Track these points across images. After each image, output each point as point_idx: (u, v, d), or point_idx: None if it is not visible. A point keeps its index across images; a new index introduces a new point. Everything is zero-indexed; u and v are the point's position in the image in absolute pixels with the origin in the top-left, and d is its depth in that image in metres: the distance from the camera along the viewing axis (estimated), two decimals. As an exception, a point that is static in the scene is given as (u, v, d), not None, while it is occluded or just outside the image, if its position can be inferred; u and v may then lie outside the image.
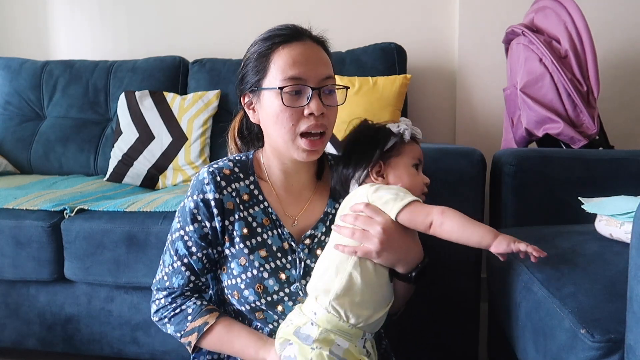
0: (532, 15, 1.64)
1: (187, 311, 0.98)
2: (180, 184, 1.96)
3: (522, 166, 1.27)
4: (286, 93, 0.90)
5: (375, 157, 0.95)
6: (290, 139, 0.91)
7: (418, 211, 0.88)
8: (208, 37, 2.37)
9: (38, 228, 1.50)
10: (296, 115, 0.90)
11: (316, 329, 0.86)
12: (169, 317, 1.00)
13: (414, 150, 0.99)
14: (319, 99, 0.90)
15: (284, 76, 0.90)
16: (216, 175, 0.96)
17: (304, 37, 0.93)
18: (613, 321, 0.71)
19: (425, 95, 2.20)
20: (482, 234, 0.85)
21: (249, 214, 0.97)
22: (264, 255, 0.96)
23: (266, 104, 0.93)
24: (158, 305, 1.02)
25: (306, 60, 0.91)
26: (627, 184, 1.20)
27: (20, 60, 2.31)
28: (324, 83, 0.92)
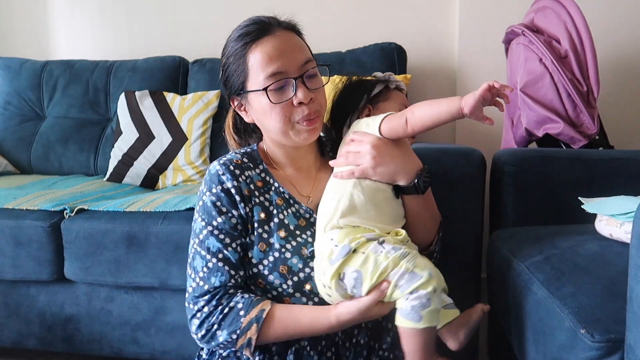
0: (532, 15, 1.64)
1: (237, 307, 0.91)
2: (180, 184, 1.96)
3: (522, 166, 1.27)
4: (271, 91, 0.91)
5: (363, 101, 1.01)
6: (289, 129, 0.94)
7: (393, 118, 0.92)
8: (208, 37, 2.37)
9: (38, 228, 1.50)
10: (287, 107, 0.92)
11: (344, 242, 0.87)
12: (217, 322, 0.91)
13: (400, 97, 1.04)
14: (303, 86, 0.92)
15: (264, 74, 0.91)
16: (229, 165, 0.97)
17: (273, 29, 0.95)
18: (613, 321, 0.71)
19: (425, 95, 2.20)
20: (449, 103, 0.87)
21: (265, 198, 0.98)
22: (283, 235, 0.95)
23: (255, 104, 0.95)
24: (201, 317, 0.93)
25: (281, 52, 0.92)
26: (627, 184, 1.20)
27: (20, 60, 2.31)
28: (305, 69, 0.93)
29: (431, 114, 0.88)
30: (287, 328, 0.91)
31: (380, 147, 0.92)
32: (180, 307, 1.51)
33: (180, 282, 1.45)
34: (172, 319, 1.51)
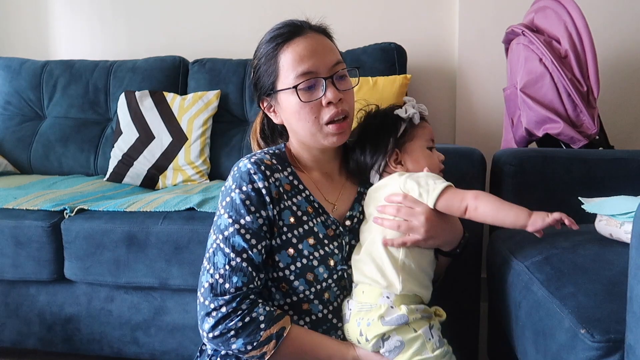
0: (532, 15, 1.64)
1: (258, 319, 0.89)
2: (180, 184, 1.96)
3: (522, 166, 1.27)
4: (301, 90, 0.92)
5: (390, 146, 0.99)
6: (317, 130, 0.94)
7: (453, 198, 0.92)
8: (208, 37, 2.37)
9: (38, 228, 1.50)
10: (316, 107, 0.93)
11: (402, 309, 0.90)
12: (236, 329, 0.88)
13: (425, 131, 1.03)
14: (333, 86, 0.93)
15: (295, 74, 0.92)
16: (260, 165, 0.95)
17: (305, 30, 0.96)
18: (613, 321, 0.71)
19: (425, 95, 2.20)
20: (516, 215, 0.88)
21: (293, 203, 0.97)
22: (312, 243, 0.95)
23: (285, 104, 0.96)
24: (217, 316, 0.89)
25: (312, 53, 0.93)
26: (627, 184, 1.20)
27: (20, 60, 2.31)
28: (335, 70, 0.94)
29: (494, 219, 0.90)
30: (304, 352, 0.92)
31: (433, 220, 0.93)
32: (180, 307, 1.51)
33: (180, 282, 1.45)
34: (172, 319, 1.51)
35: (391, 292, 0.92)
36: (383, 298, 0.92)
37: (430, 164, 1.00)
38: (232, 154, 2.03)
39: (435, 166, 1.01)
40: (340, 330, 0.98)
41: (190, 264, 1.43)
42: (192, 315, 1.50)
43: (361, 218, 1.03)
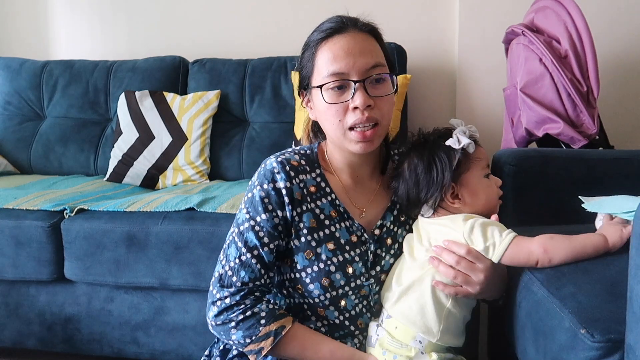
0: (532, 15, 1.64)
1: (259, 315, 0.90)
2: (180, 184, 1.96)
3: (522, 166, 1.27)
4: (328, 90, 0.89)
5: (446, 181, 0.92)
6: (341, 134, 0.91)
7: (519, 252, 0.87)
8: (208, 37, 2.37)
9: (38, 228, 1.50)
10: (342, 110, 0.89)
11: (433, 357, 0.90)
12: (237, 321, 0.89)
13: (480, 159, 0.96)
14: (364, 91, 0.88)
15: (325, 73, 0.89)
16: (285, 165, 0.94)
17: (348, 28, 0.92)
18: (613, 321, 0.71)
19: (425, 95, 2.20)
20: (595, 248, 0.85)
21: (317, 205, 0.95)
22: (331, 248, 0.94)
23: (316, 101, 0.94)
24: (221, 306, 0.90)
25: (347, 53, 0.89)
26: (627, 184, 1.20)
27: (20, 60, 2.31)
28: (369, 73, 0.89)
29: (574, 259, 0.86)
30: (304, 350, 0.91)
31: (490, 276, 0.90)
32: (180, 307, 1.51)
33: (180, 282, 1.45)
34: (172, 319, 1.51)
35: (425, 339, 0.91)
36: (415, 342, 0.91)
37: (489, 196, 0.95)
38: (232, 154, 2.03)
39: (494, 197, 0.97)
40: (357, 338, 0.97)
41: (190, 264, 1.43)
42: (192, 315, 1.50)
43: (392, 229, 0.99)
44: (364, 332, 0.98)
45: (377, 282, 0.97)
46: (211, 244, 1.41)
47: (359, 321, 0.97)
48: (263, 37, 2.31)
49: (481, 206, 0.95)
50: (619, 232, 0.84)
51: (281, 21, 2.29)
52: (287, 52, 2.14)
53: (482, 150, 0.97)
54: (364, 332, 0.98)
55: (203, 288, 1.45)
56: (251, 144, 2.03)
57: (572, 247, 0.85)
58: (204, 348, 1.48)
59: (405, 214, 1.02)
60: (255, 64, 2.12)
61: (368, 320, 0.98)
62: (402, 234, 1.00)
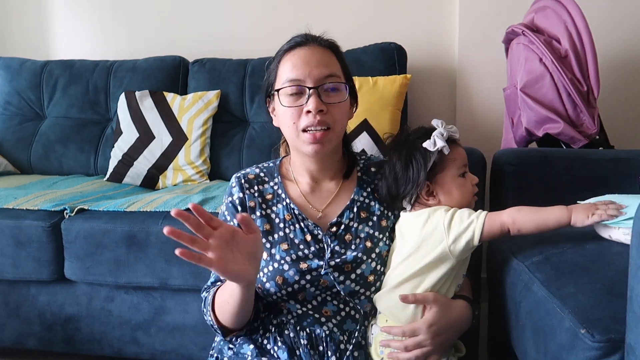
0: (532, 15, 1.64)
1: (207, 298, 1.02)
2: (180, 184, 1.96)
3: (522, 166, 1.27)
4: (284, 94, 0.99)
5: (421, 180, 0.99)
6: (296, 135, 0.99)
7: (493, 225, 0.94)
8: (208, 37, 2.37)
9: (38, 228, 1.50)
10: (296, 113, 0.98)
11: None
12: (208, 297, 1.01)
13: (456, 159, 1.01)
14: (317, 97, 0.97)
15: (284, 79, 0.99)
16: (241, 179, 1.07)
17: (309, 43, 1.01)
18: (613, 321, 0.71)
19: (425, 95, 2.20)
20: (557, 221, 0.91)
21: (272, 211, 1.05)
22: (285, 248, 1.01)
23: (276, 106, 1.03)
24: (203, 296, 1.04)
25: (305, 63, 0.98)
26: (627, 184, 1.20)
27: (20, 60, 2.31)
28: (324, 81, 0.98)
29: (537, 228, 0.93)
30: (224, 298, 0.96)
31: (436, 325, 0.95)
32: (180, 307, 1.51)
33: (181, 282, 1.45)
34: (172, 319, 1.51)
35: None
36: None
37: (462, 194, 1.01)
38: (232, 153, 2.03)
39: (468, 194, 1.02)
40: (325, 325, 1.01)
41: (190, 264, 1.41)
42: (192, 315, 1.50)
43: (351, 225, 1.04)
44: (332, 319, 1.02)
45: (341, 273, 1.00)
46: (211, 244, 1.41)
47: (324, 310, 1.01)
48: (263, 37, 2.31)
49: (454, 203, 1.00)
50: (585, 214, 0.88)
51: (281, 21, 2.29)
52: (287, 52, 2.14)
53: (459, 150, 1.03)
54: (332, 319, 1.02)
55: (203, 288, 1.45)
56: (251, 144, 2.03)
57: (537, 218, 0.92)
58: (204, 348, 1.48)
59: (388, 208, 1.08)
60: (255, 64, 2.12)
61: (335, 307, 1.02)
62: (363, 229, 1.05)
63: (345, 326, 1.02)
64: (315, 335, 1.00)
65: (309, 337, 1.00)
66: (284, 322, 1.02)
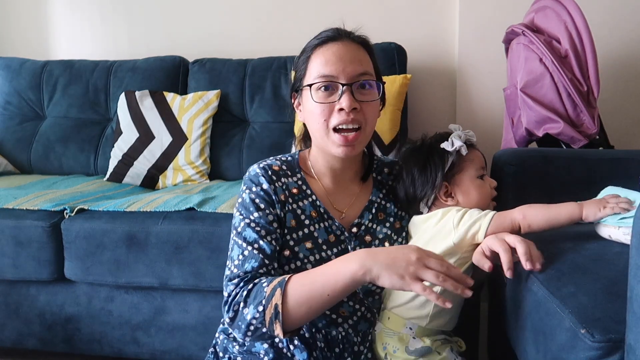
0: (532, 15, 1.64)
1: (260, 283, 0.88)
2: (180, 184, 1.96)
3: (522, 166, 1.27)
4: (317, 90, 0.95)
5: (438, 181, 0.99)
6: (325, 134, 0.96)
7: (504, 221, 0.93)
8: (208, 37, 2.37)
9: (38, 228, 1.50)
10: (328, 110, 0.95)
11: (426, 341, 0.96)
12: (243, 300, 0.88)
13: (474, 161, 1.02)
14: (350, 94, 0.94)
15: (316, 75, 0.95)
16: (267, 170, 1.00)
17: (342, 38, 0.98)
18: (613, 321, 0.71)
19: (425, 95, 2.20)
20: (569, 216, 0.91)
21: (298, 206, 1.00)
22: (309, 247, 0.98)
23: (305, 102, 1.00)
24: (229, 300, 0.90)
25: (338, 59, 0.95)
26: (627, 184, 1.20)
27: (20, 60, 2.31)
28: (358, 79, 0.95)
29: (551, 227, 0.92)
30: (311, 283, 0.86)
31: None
32: (180, 307, 1.51)
33: (180, 282, 1.45)
34: (172, 319, 1.51)
35: (415, 324, 0.96)
36: (406, 329, 0.96)
37: (481, 195, 1.01)
38: (232, 153, 2.03)
39: (487, 196, 1.02)
40: (341, 327, 1.00)
41: (190, 264, 1.43)
42: (192, 315, 1.50)
43: (370, 226, 1.04)
44: (348, 320, 1.01)
45: None
46: (211, 244, 1.41)
47: (341, 310, 1.00)
48: (263, 37, 2.31)
49: (473, 204, 1.01)
50: (597, 207, 0.88)
51: (281, 21, 2.29)
52: (287, 52, 2.15)
53: (477, 153, 1.04)
54: (348, 320, 1.01)
55: (203, 288, 1.45)
56: (251, 144, 2.03)
57: (548, 213, 0.92)
58: (204, 348, 1.48)
59: (405, 212, 1.07)
60: (255, 64, 2.12)
61: (351, 308, 1.01)
62: (381, 230, 1.05)
63: (360, 327, 1.02)
64: (332, 337, 1.00)
65: (325, 339, 0.99)
66: None
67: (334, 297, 0.85)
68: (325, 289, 0.84)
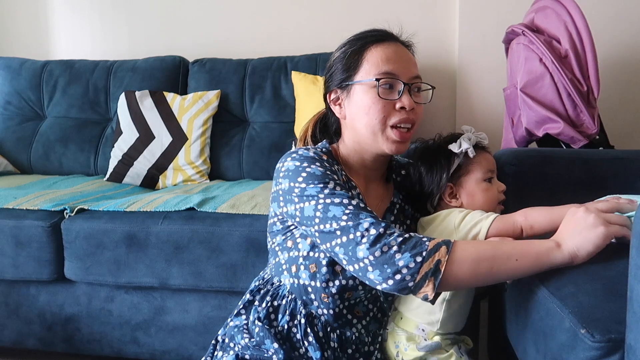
0: (532, 15, 1.64)
1: (417, 236, 0.82)
2: (180, 184, 1.96)
3: (522, 166, 1.27)
4: (381, 86, 0.95)
5: (443, 182, 1.00)
6: (380, 130, 0.96)
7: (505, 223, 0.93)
8: (208, 37, 2.37)
9: (38, 228, 1.50)
10: (388, 107, 0.95)
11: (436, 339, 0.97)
12: (397, 244, 0.79)
13: (483, 163, 1.02)
14: (409, 94, 0.96)
15: (378, 71, 0.95)
16: (321, 155, 0.96)
17: (395, 38, 1.00)
18: (613, 321, 0.71)
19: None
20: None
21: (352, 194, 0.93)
22: None
23: (357, 97, 0.97)
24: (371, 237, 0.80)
25: (399, 58, 0.97)
26: (627, 184, 1.20)
27: (20, 60, 2.31)
28: (415, 81, 0.98)
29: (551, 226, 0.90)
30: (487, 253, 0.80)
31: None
32: (180, 307, 1.51)
33: (180, 282, 1.45)
34: (172, 319, 1.51)
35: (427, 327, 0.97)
36: (419, 330, 0.97)
37: (487, 198, 1.01)
38: (232, 153, 2.03)
39: (492, 199, 1.02)
40: (355, 327, 0.99)
41: (190, 263, 1.43)
42: (193, 315, 1.50)
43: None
44: (362, 320, 1.00)
45: None
46: (211, 243, 1.41)
47: (356, 310, 0.99)
48: (263, 37, 2.31)
49: (477, 207, 1.00)
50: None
51: (281, 21, 2.29)
52: (287, 52, 2.15)
53: (486, 155, 1.04)
54: (362, 321, 1.00)
55: (203, 288, 1.45)
56: (251, 144, 2.03)
57: (551, 214, 0.91)
58: (204, 348, 1.48)
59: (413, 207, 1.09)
60: (255, 64, 2.12)
61: (365, 308, 1.00)
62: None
63: (371, 327, 1.02)
64: (345, 338, 0.99)
65: (340, 339, 0.99)
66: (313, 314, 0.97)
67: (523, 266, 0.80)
68: (513, 255, 0.79)
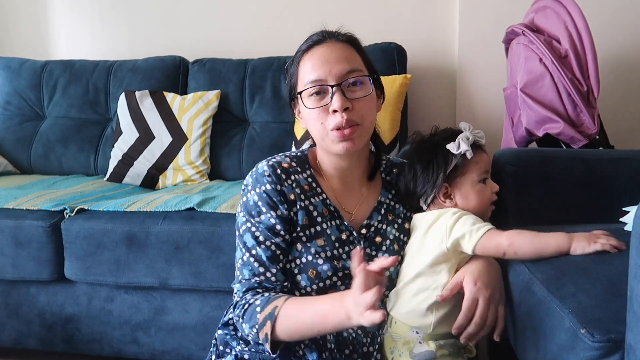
0: (532, 15, 1.64)
1: (255, 304, 0.92)
2: (180, 184, 1.96)
3: (522, 166, 1.27)
4: (308, 96, 0.96)
5: (439, 182, 0.99)
6: (324, 135, 0.96)
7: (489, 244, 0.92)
8: (208, 37, 2.37)
9: (38, 228, 1.50)
10: (323, 114, 0.95)
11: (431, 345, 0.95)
12: (241, 315, 0.93)
13: (479, 164, 1.01)
14: (341, 94, 0.94)
15: (306, 81, 0.96)
16: (276, 169, 0.98)
17: (327, 39, 0.99)
18: (613, 321, 0.71)
19: (425, 95, 2.20)
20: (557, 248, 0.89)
21: (310, 202, 0.99)
22: (321, 244, 0.98)
23: (302, 108, 1.00)
24: (234, 302, 0.98)
25: (324, 62, 0.95)
26: (627, 184, 1.20)
27: (20, 60, 2.31)
28: (345, 77, 0.95)
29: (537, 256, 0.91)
30: (296, 322, 0.90)
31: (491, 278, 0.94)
32: (180, 307, 1.51)
33: (180, 282, 1.45)
34: (172, 319, 1.51)
35: (421, 329, 0.95)
36: (413, 332, 0.96)
37: (480, 200, 1.00)
38: (232, 153, 2.03)
39: (486, 201, 1.01)
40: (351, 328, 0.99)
41: (190, 263, 1.43)
42: (192, 315, 1.50)
43: (380, 227, 1.04)
44: None
45: None
46: (211, 243, 1.41)
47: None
48: (263, 37, 2.31)
49: (471, 208, 1.00)
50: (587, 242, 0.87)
51: (281, 21, 2.29)
52: (287, 52, 2.14)
53: (483, 155, 1.02)
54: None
55: (203, 288, 1.45)
56: (251, 144, 2.03)
57: (536, 242, 0.90)
58: (204, 348, 1.48)
59: (403, 204, 1.07)
60: (255, 64, 2.12)
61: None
62: (391, 231, 1.05)
63: (369, 328, 1.01)
64: (342, 338, 0.99)
65: (336, 340, 0.99)
66: None
67: (324, 332, 0.91)
68: (315, 327, 0.89)
